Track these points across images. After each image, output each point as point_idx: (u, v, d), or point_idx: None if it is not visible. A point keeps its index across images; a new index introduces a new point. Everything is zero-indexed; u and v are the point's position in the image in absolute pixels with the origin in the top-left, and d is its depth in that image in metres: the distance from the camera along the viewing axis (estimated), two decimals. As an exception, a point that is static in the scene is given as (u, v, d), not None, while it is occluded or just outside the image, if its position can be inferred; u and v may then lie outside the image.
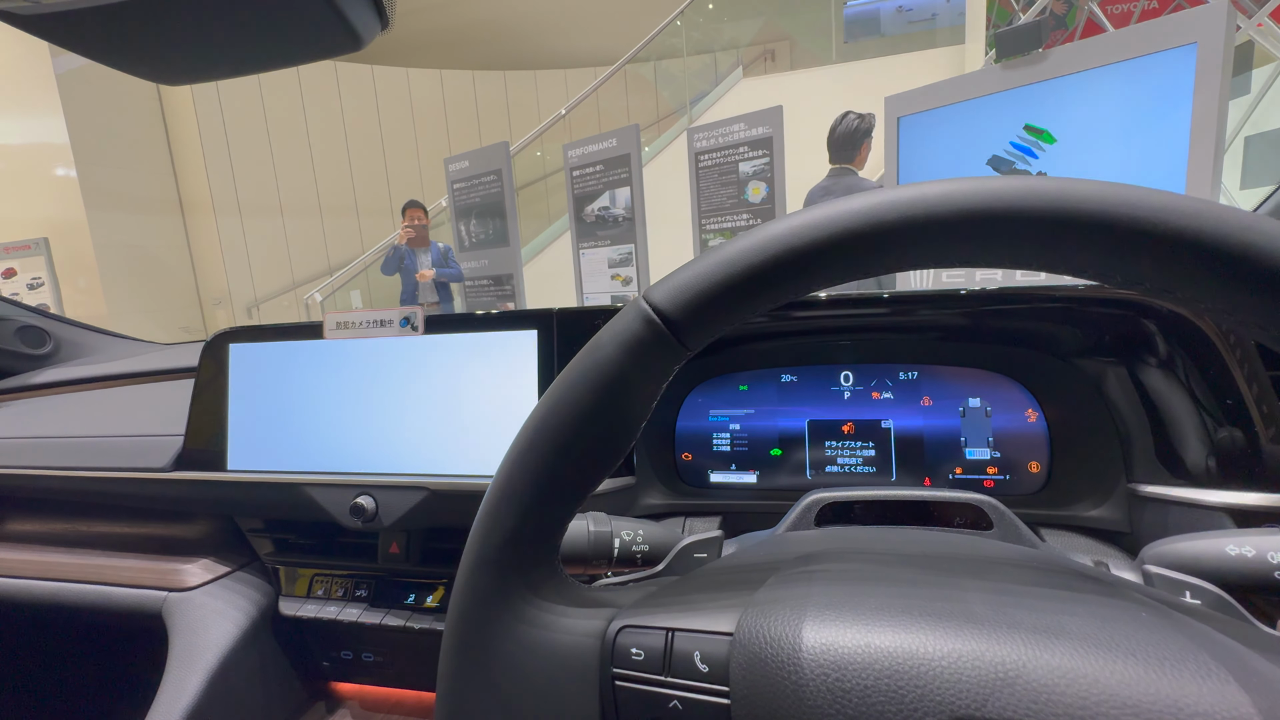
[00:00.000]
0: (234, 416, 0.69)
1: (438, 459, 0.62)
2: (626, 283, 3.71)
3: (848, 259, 0.26)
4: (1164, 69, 2.46)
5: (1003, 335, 0.58)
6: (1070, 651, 0.21)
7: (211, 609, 0.67)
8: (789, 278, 0.26)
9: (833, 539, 0.34)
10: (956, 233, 0.24)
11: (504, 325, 0.61)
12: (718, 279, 0.26)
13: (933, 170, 3.10)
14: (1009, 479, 0.58)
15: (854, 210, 0.25)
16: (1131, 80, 2.49)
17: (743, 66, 6.70)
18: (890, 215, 0.25)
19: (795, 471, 0.64)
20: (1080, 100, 2.60)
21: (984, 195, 0.24)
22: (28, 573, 0.77)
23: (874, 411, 0.62)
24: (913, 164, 3.36)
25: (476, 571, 0.28)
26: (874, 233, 0.25)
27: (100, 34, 0.41)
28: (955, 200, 0.24)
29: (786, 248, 0.26)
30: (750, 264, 0.26)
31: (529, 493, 0.28)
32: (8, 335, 1.02)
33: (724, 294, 0.26)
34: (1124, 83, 2.51)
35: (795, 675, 0.23)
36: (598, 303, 3.69)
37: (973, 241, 0.24)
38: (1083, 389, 0.54)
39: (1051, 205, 0.23)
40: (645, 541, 0.41)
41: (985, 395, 0.59)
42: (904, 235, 0.25)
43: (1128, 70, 2.56)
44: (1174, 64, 2.50)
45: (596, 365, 0.27)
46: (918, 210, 0.24)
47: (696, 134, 3.32)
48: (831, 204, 0.26)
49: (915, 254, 0.25)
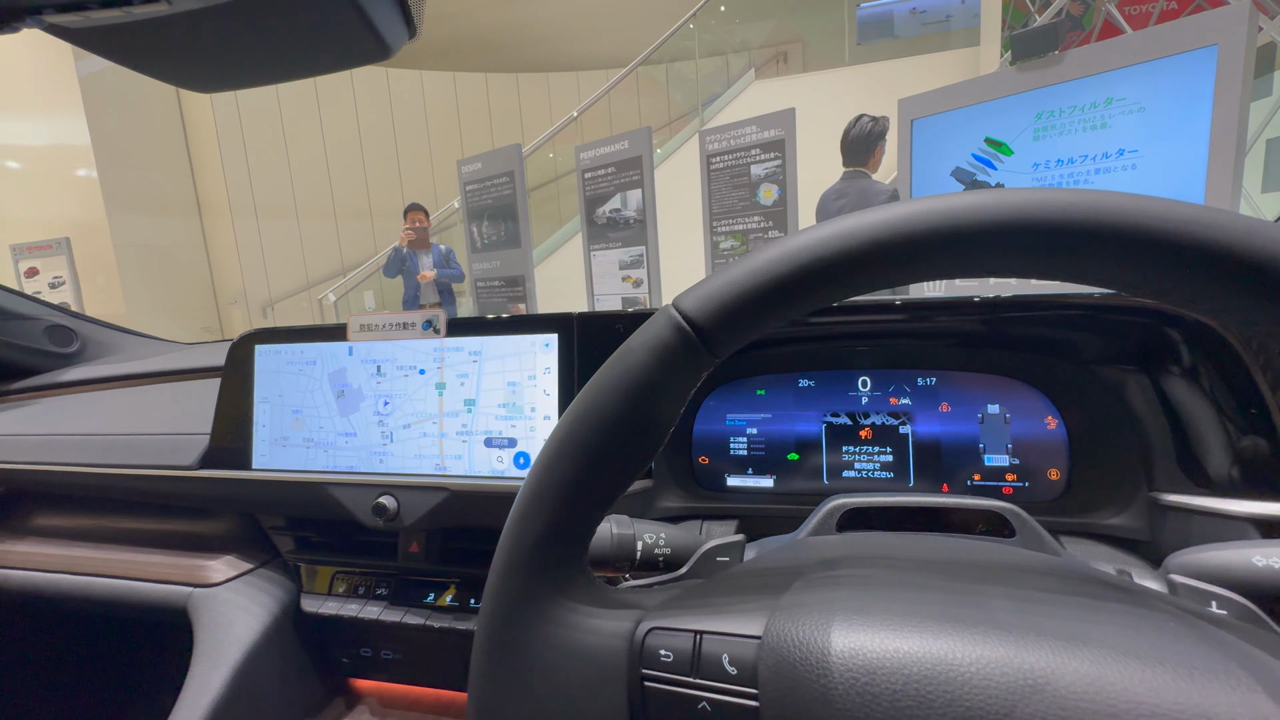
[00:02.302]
0: (259, 416, 0.70)
1: (458, 460, 0.63)
2: (637, 285, 3.72)
3: (875, 269, 0.26)
4: (1183, 71, 2.43)
5: (1022, 342, 0.58)
6: (1098, 659, 0.21)
7: (235, 605, 0.69)
8: (817, 287, 0.27)
9: (855, 544, 0.34)
10: (984, 244, 0.24)
11: (524, 329, 0.61)
12: (746, 287, 0.27)
13: (946, 174, 3.09)
14: (1027, 486, 0.58)
15: (882, 221, 0.26)
16: (1150, 82, 2.47)
17: (755, 69, 6.70)
18: (919, 226, 0.25)
19: (812, 476, 0.64)
20: (1098, 102, 2.58)
21: (1013, 207, 0.24)
22: (57, 567, 0.79)
23: (891, 417, 0.62)
24: (926, 167, 3.35)
25: (508, 573, 0.29)
26: (903, 243, 0.25)
27: (140, 45, 0.42)
28: (984, 211, 0.24)
29: (815, 257, 0.26)
30: (779, 273, 0.27)
31: (559, 496, 0.28)
32: (36, 334, 1.05)
33: (752, 302, 0.27)
34: (1142, 85, 2.49)
35: (824, 679, 0.23)
36: (609, 305, 3.70)
37: (1000, 253, 0.24)
38: (1103, 396, 0.54)
39: (1082, 218, 0.23)
40: (667, 544, 0.41)
41: (1004, 401, 0.59)
42: (932, 246, 0.25)
43: (1147, 72, 2.53)
44: (1194, 66, 2.48)
45: (626, 371, 0.28)
46: (946, 221, 0.25)
47: (709, 136, 3.32)
48: (860, 214, 0.27)
49: (942, 265, 0.26)
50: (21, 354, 1.02)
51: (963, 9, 6.43)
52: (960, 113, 3.11)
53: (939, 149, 3.13)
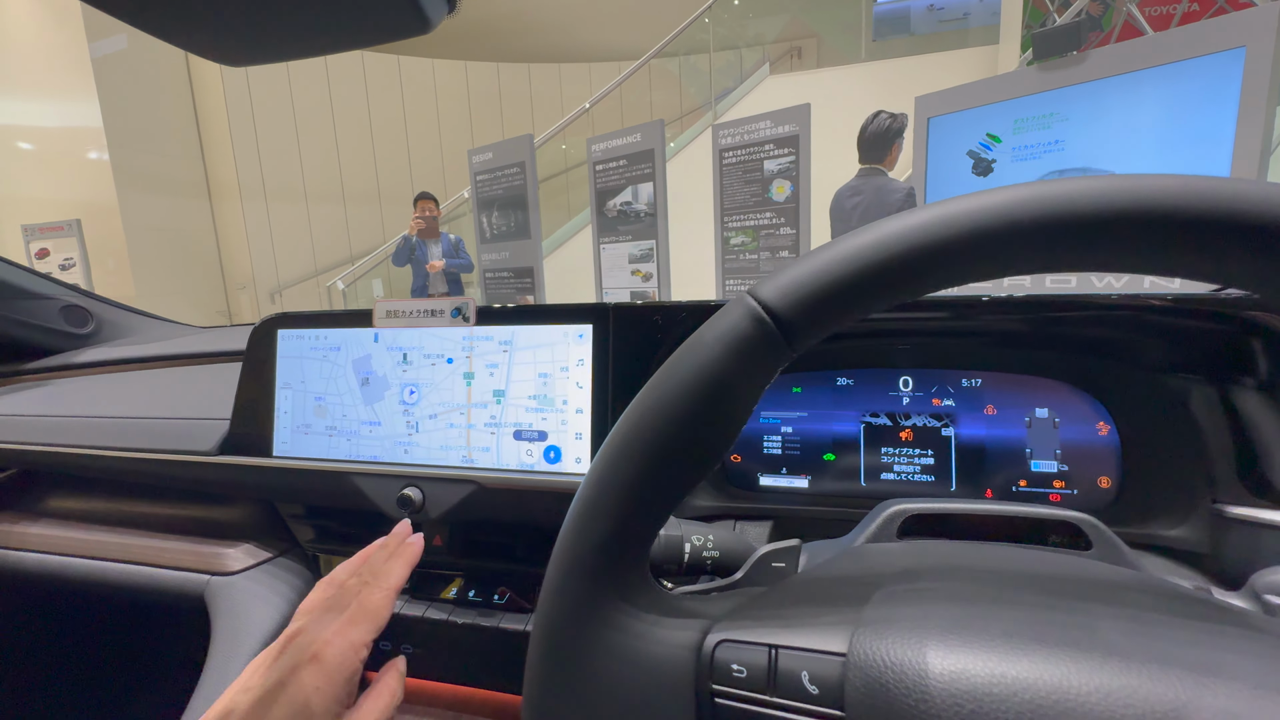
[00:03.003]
0: (280, 402, 0.68)
1: (486, 453, 0.61)
2: (647, 278, 3.70)
3: (974, 260, 0.24)
4: (1207, 73, 2.40)
5: (1073, 343, 0.56)
6: (1235, 694, 0.19)
7: (254, 594, 0.67)
8: (910, 278, 0.25)
9: (928, 553, 0.32)
10: (1101, 234, 0.22)
11: (557, 319, 0.59)
12: (835, 276, 0.25)
13: (963, 173, 3.07)
14: (1076, 493, 0.56)
15: (985, 207, 0.24)
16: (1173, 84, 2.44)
17: (770, 63, 6.64)
18: (1027, 213, 0.23)
19: (848, 477, 0.62)
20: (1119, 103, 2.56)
21: (1139, 194, 0.22)
22: (72, 550, 0.78)
23: (934, 418, 0.60)
24: (942, 165, 3.31)
25: (568, 577, 0.27)
26: (1008, 232, 0.23)
27: (171, 14, 0.41)
28: (1106, 198, 0.22)
29: (910, 245, 0.24)
30: (870, 261, 0.25)
31: (624, 497, 0.27)
32: (52, 314, 1.03)
33: (840, 292, 0.25)
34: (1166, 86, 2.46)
35: (923, 704, 0.21)
36: (618, 298, 3.68)
37: (1127, 245, 0.22)
38: (1162, 403, 0.52)
39: (1216, 207, 0.21)
40: (715, 547, 0.40)
41: (1053, 405, 0.57)
42: (1040, 235, 0.23)
43: (1171, 73, 2.50)
44: (1219, 68, 2.44)
45: (699, 366, 0.26)
46: (1060, 208, 0.23)
47: (722, 130, 3.28)
48: (956, 201, 0.25)
49: (1049, 256, 0.24)
50: (38, 333, 1.01)
51: (980, 7, 6.36)
52: (978, 111, 3.08)
53: (957, 147, 3.10)
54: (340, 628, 0.38)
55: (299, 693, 0.35)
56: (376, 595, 0.41)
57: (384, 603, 0.41)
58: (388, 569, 0.43)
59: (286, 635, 0.39)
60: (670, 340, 0.57)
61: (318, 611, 0.40)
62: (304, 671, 0.36)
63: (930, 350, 0.61)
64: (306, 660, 0.36)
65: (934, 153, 3.29)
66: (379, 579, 0.42)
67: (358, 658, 0.38)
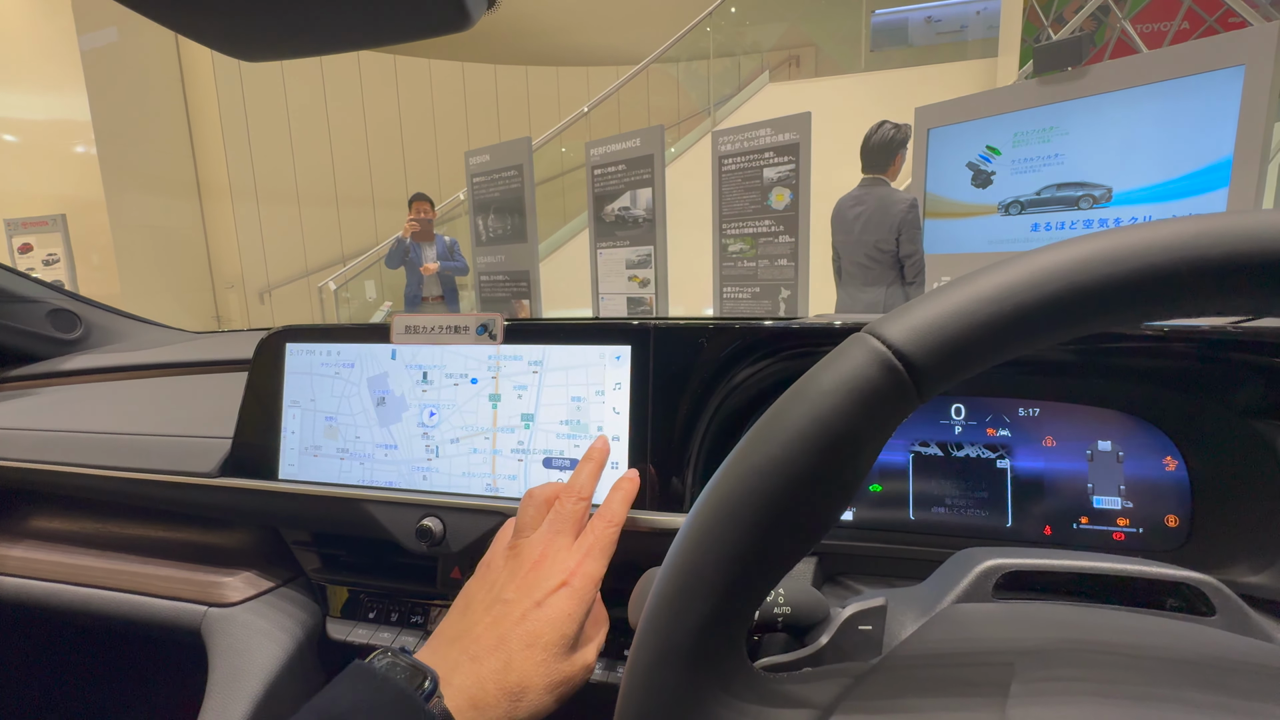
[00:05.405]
0: (287, 421, 0.64)
1: (512, 481, 0.57)
2: (644, 284, 3.66)
3: (1145, 300, 0.21)
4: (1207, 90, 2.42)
5: (1142, 375, 0.53)
6: None
7: (256, 629, 0.62)
8: (1065, 320, 0.21)
9: (1044, 625, 0.29)
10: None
11: (593, 339, 0.56)
12: (978, 318, 0.22)
13: (963, 184, 3.09)
14: (1141, 532, 0.53)
15: (1157, 241, 0.20)
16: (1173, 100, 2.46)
17: (769, 71, 6.66)
18: (1215, 250, 0.20)
19: (896, 509, 0.59)
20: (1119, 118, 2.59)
21: None
22: (56, 575, 0.73)
23: (988, 449, 0.57)
24: (941, 176, 3.32)
25: (660, 667, 0.23)
26: (1189, 270, 0.20)
27: (193, 7, 0.37)
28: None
29: (1068, 284, 0.21)
30: (1021, 301, 0.21)
31: (727, 571, 0.23)
32: (38, 318, 0.98)
33: (983, 336, 0.22)
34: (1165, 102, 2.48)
35: None
36: (614, 304, 3.64)
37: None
38: (1239, 442, 0.49)
39: None
40: (787, 603, 0.36)
41: (1116, 438, 0.54)
42: (1224, 276, 0.20)
43: (1170, 90, 2.52)
44: (1218, 85, 2.46)
45: (819, 418, 0.22)
46: (1254, 245, 0.19)
47: (721, 137, 3.26)
48: (1118, 232, 0.21)
49: (1238, 299, 0.21)
50: (21, 339, 0.95)
51: (977, 20, 6.42)
52: (978, 123, 3.09)
53: (956, 159, 3.11)
54: (582, 558, 0.42)
55: (556, 613, 0.40)
56: (610, 531, 0.45)
57: (615, 539, 0.45)
58: (611, 506, 0.47)
59: (516, 549, 0.43)
60: (712, 360, 0.54)
61: (547, 531, 0.44)
62: (558, 596, 0.40)
63: (983, 377, 0.57)
64: (556, 585, 0.40)
65: (933, 164, 3.30)
66: (606, 513, 0.46)
67: (596, 590, 0.43)
